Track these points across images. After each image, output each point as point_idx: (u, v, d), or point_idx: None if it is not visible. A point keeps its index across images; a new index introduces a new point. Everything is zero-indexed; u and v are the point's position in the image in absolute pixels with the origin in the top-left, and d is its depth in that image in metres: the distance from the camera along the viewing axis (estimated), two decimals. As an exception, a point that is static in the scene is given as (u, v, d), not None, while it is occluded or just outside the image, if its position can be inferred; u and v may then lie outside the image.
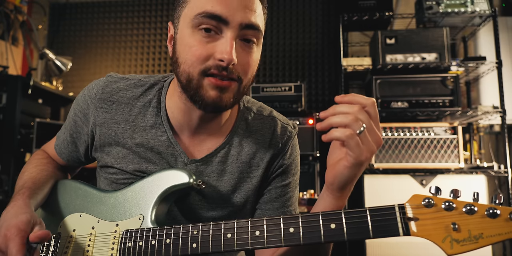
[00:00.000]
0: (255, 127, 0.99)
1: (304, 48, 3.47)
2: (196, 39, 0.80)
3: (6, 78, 2.73)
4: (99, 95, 0.94)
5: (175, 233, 0.79)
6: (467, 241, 0.59)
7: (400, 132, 2.55)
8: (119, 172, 0.94)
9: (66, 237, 0.90)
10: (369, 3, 2.83)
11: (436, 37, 2.65)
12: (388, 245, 2.37)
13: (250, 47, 0.84)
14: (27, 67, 3.28)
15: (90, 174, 2.78)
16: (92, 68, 3.75)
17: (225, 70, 0.79)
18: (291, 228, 0.69)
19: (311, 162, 2.69)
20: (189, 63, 0.81)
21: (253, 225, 0.72)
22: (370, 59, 2.76)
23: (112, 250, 0.84)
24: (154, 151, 0.92)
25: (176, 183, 0.86)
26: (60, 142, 1.04)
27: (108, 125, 0.94)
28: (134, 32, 3.73)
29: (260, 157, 0.96)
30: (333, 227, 0.67)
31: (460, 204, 0.61)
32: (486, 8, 2.64)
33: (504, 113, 2.53)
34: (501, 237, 0.57)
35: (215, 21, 0.78)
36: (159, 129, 0.93)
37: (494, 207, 0.59)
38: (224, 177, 0.94)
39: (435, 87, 2.63)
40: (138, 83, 0.96)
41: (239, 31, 0.80)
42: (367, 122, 0.68)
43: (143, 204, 0.87)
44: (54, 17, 3.85)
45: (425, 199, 0.62)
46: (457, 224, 0.60)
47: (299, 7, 3.53)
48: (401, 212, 0.63)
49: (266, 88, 2.85)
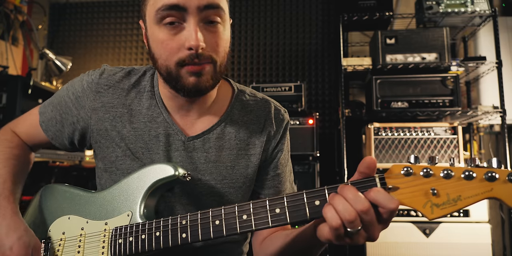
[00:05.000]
0: (250, 107, 1.03)
1: (304, 48, 3.47)
2: (164, 34, 0.83)
3: (6, 78, 2.73)
4: (96, 80, 0.98)
5: (164, 225, 0.79)
6: (446, 204, 0.60)
7: (400, 132, 2.55)
8: (116, 158, 0.96)
9: (57, 241, 0.91)
10: (369, 3, 2.83)
11: (436, 37, 2.65)
12: (388, 245, 2.37)
13: (215, 26, 0.85)
14: (27, 67, 3.28)
15: (90, 174, 2.79)
16: (92, 68, 3.72)
17: (197, 58, 0.82)
18: (277, 209, 0.70)
19: (311, 162, 2.69)
20: (164, 57, 0.85)
21: (239, 209, 0.73)
22: (370, 59, 2.76)
23: (103, 248, 0.85)
24: (152, 134, 0.95)
25: (162, 177, 0.86)
26: (47, 119, 1.02)
27: (106, 109, 0.97)
28: (134, 32, 3.73)
29: (257, 137, 1.00)
30: (318, 204, 0.67)
31: (438, 169, 0.62)
32: (486, 8, 2.64)
33: (504, 113, 2.53)
34: (478, 197, 0.59)
35: (174, 10, 0.81)
36: (155, 110, 0.97)
37: (469, 170, 0.60)
38: (223, 152, 0.97)
39: (435, 87, 2.63)
40: (133, 71, 1.02)
41: (199, 14, 0.82)
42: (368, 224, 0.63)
43: (131, 201, 0.87)
44: (54, 17, 3.85)
45: (404, 168, 0.64)
46: (435, 189, 0.61)
47: (299, 7, 3.53)
48: (381, 183, 0.65)
49: (266, 88, 2.85)
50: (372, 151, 2.55)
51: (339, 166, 2.85)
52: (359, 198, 0.62)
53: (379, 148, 2.55)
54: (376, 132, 2.57)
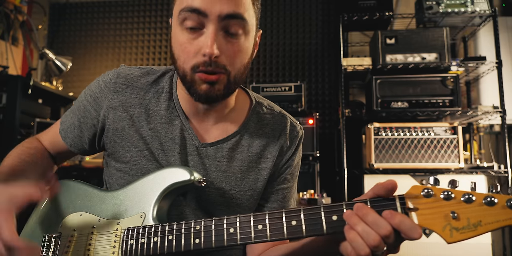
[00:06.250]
0: (266, 120, 1.03)
1: (304, 48, 3.47)
2: (184, 37, 0.84)
3: (6, 78, 2.73)
4: (114, 80, 0.98)
5: (177, 229, 0.79)
6: (466, 229, 0.60)
7: (400, 132, 2.55)
8: (131, 158, 0.95)
9: (67, 237, 0.90)
10: (369, 3, 2.83)
11: (436, 37, 2.65)
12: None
13: (235, 38, 0.85)
14: (27, 67, 3.28)
15: (90, 174, 2.79)
16: (92, 68, 3.75)
17: (211, 66, 0.82)
18: (294, 221, 0.70)
19: (311, 162, 2.69)
20: (182, 59, 0.86)
21: (255, 219, 0.73)
22: (370, 59, 2.76)
23: (114, 248, 0.84)
24: (168, 136, 0.95)
25: (178, 180, 0.86)
26: (66, 127, 1.03)
27: (123, 108, 0.96)
28: (134, 32, 3.73)
29: (269, 150, 1.00)
30: (335, 219, 0.67)
31: (459, 193, 0.62)
32: (486, 8, 2.64)
33: (504, 113, 2.53)
34: (499, 224, 0.58)
35: (195, 14, 0.81)
36: (172, 112, 0.97)
37: (491, 195, 0.60)
38: (234, 163, 0.97)
39: (435, 87, 2.63)
40: (151, 71, 1.01)
41: (220, 23, 0.82)
42: (390, 245, 0.63)
43: (145, 202, 0.87)
44: (54, 17, 3.85)
45: (424, 189, 0.63)
46: (456, 212, 0.60)
47: (299, 7, 3.53)
48: (401, 202, 0.64)
49: (266, 88, 2.85)
50: (372, 151, 2.55)
51: (339, 166, 2.85)
52: (381, 223, 0.62)
53: (379, 148, 2.55)
54: (376, 132, 2.57)
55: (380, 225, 0.61)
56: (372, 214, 0.63)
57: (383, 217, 0.62)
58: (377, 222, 0.62)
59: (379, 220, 0.62)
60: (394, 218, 0.61)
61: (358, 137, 2.89)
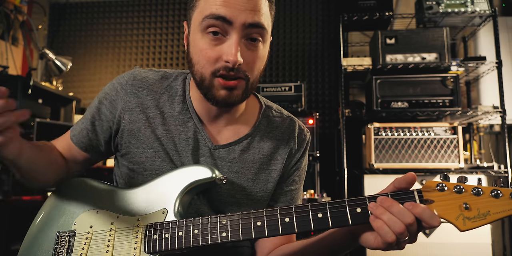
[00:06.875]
0: (275, 123, 1.06)
1: (304, 48, 3.48)
2: (205, 42, 0.86)
3: (6, 78, 2.73)
4: (131, 82, 1.00)
5: (203, 223, 0.82)
6: (477, 218, 0.68)
7: (400, 132, 2.55)
8: (146, 158, 0.97)
9: (83, 234, 0.91)
10: (369, 3, 2.83)
11: (436, 37, 2.65)
12: (388, 245, 2.37)
13: (255, 45, 0.88)
14: (27, 67, 3.28)
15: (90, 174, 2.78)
16: (92, 68, 3.75)
17: (232, 71, 0.85)
18: (320, 214, 0.75)
19: (311, 162, 2.69)
20: (201, 64, 0.88)
21: (282, 212, 0.77)
22: (370, 59, 2.76)
23: (136, 243, 0.86)
24: (182, 138, 0.98)
25: (200, 178, 0.89)
26: (78, 132, 1.03)
27: (140, 110, 0.98)
28: (134, 32, 3.74)
29: (279, 153, 1.03)
30: (359, 211, 0.73)
31: (469, 187, 0.70)
32: (486, 8, 2.64)
33: (504, 113, 2.53)
34: (505, 213, 0.67)
35: (220, 21, 0.84)
36: (186, 115, 0.99)
37: (497, 189, 0.69)
38: (246, 165, 1.00)
39: (435, 87, 2.63)
40: (165, 74, 1.04)
41: (243, 31, 0.85)
42: (412, 234, 0.70)
43: (166, 198, 0.89)
44: (54, 17, 3.85)
45: (439, 184, 0.72)
46: (468, 203, 0.69)
47: (299, 7, 3.53)
48: (419, 195, 0.72)
49: (266, 88, 2.85)
50: (372, 151, 2.55)
51: (339, 166, 2.85)
52: (405, 213, 0.69)
53: (379, 148, 2.55)
54: (376, 132, 2.57)
55: (404, 214, 0.68)
56: (396, 205, 0.70)
57: (406, 208, 0.69)
58: (401, 212, 0.68)
59: (403, 210, 0.69)
60: (416, 208, 0.69)
61: (358, 137, 2.89)
